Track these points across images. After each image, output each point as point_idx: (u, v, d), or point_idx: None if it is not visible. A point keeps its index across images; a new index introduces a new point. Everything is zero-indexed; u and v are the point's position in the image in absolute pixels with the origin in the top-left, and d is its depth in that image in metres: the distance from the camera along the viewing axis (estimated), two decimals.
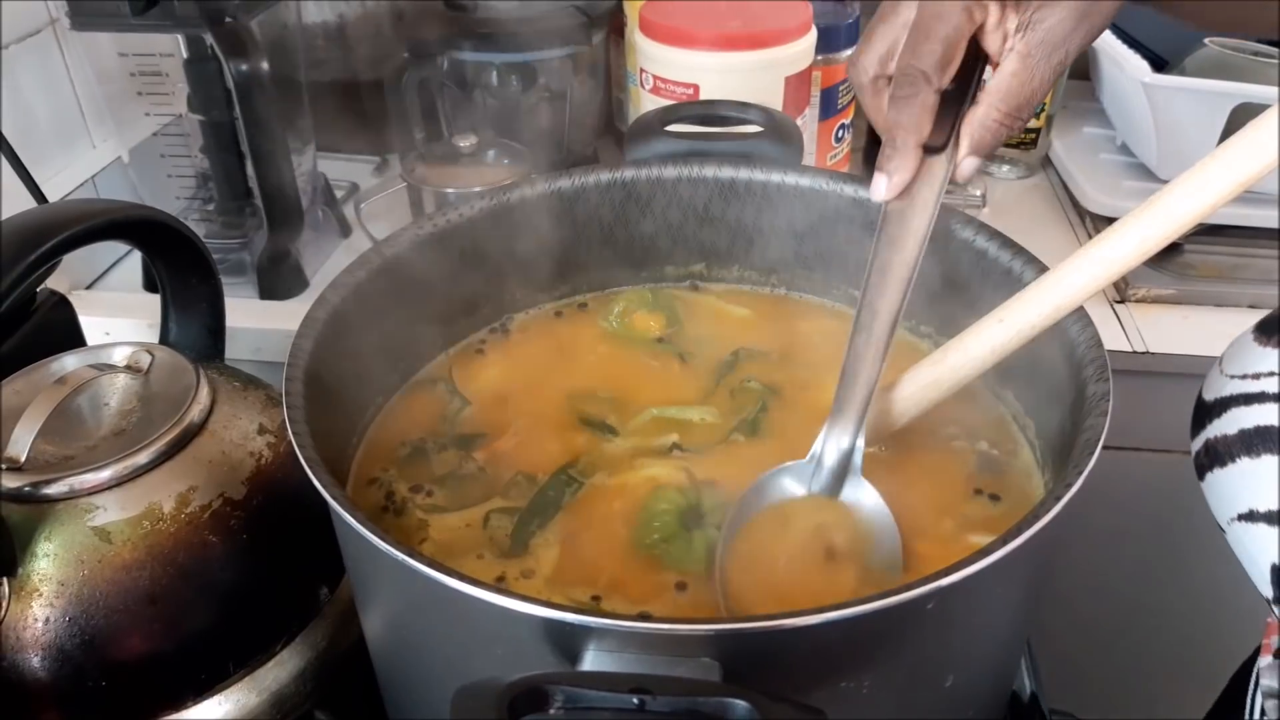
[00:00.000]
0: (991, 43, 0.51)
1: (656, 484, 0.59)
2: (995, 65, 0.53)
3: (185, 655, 0.59)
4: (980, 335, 0.54)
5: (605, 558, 0.55)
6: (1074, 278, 0.51)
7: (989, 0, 0.50)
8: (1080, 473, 0.44)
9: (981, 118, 0.53)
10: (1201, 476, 0.57)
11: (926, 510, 0.57)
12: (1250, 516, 0.53)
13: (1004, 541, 0.41)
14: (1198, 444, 0.57)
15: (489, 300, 0.71)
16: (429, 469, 0.61)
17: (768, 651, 0.41)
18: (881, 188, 0.54)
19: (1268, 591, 0.54)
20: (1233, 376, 0.56)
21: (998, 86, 0.52)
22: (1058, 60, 0.51)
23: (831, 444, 0.54)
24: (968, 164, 0.54)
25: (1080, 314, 0.53)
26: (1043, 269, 0.57)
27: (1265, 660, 0.64)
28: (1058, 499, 0.43)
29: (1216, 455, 0.55)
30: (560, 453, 0.61)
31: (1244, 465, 0.53)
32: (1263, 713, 0.62)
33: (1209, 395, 0.57)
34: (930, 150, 0.54)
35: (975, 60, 0.52)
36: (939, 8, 0.51)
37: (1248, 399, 0.54)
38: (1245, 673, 0.70)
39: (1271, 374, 0.53)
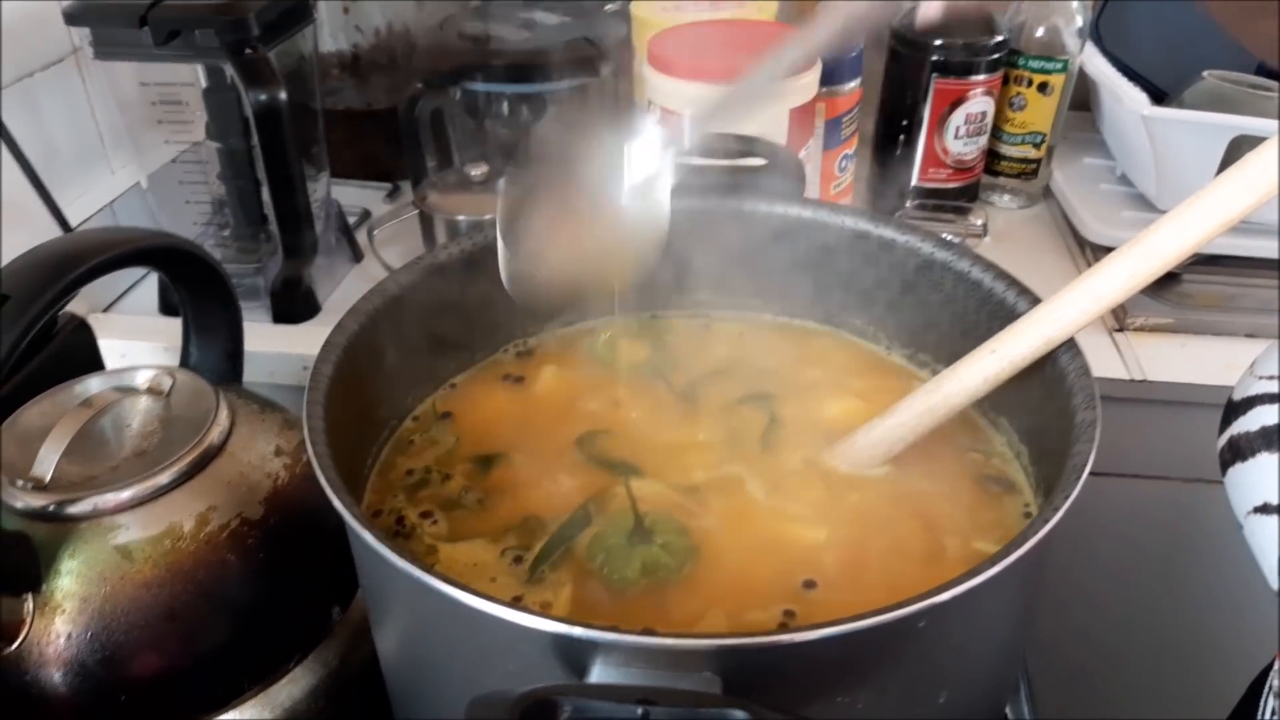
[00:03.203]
0: None
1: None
2: None
3: (202, 671, 0.61)
4: (974, 365, 0.56)
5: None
6: (1064, 311, 0.54)
7: None
8: (1067, 497, 0.46)
9: None
10: (1224, 472, 0.59)
11: (925, 531, 0.59)
12: (1265, 509, 0.55)
13: (993, 563, 0.43)
14: (1222, 441, 0.59)
15: (499, 328, 0.73)
16: (435, 496, 0.62)
17: (766, 666, 0.42)
18: None
19: (1275, 584, 0.55)
20: (1260, 377, 0.57)
21: None
22: None
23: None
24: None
25: (1070, 344, 0.55)
26: (1035, 301, 0.59)
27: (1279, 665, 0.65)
28: (1045, 521, 0.45)
29: (1238, 450, 0.57)
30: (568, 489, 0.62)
31: (1262, 460, 0.55)
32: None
33: (1237, 395, 0.59)
34: None
35: None
36: None
37: (1272, 398, 0.56)
38: (1256, 691, 0.71)
39: None
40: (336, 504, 0.47)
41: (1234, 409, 0.59)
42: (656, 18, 1.06)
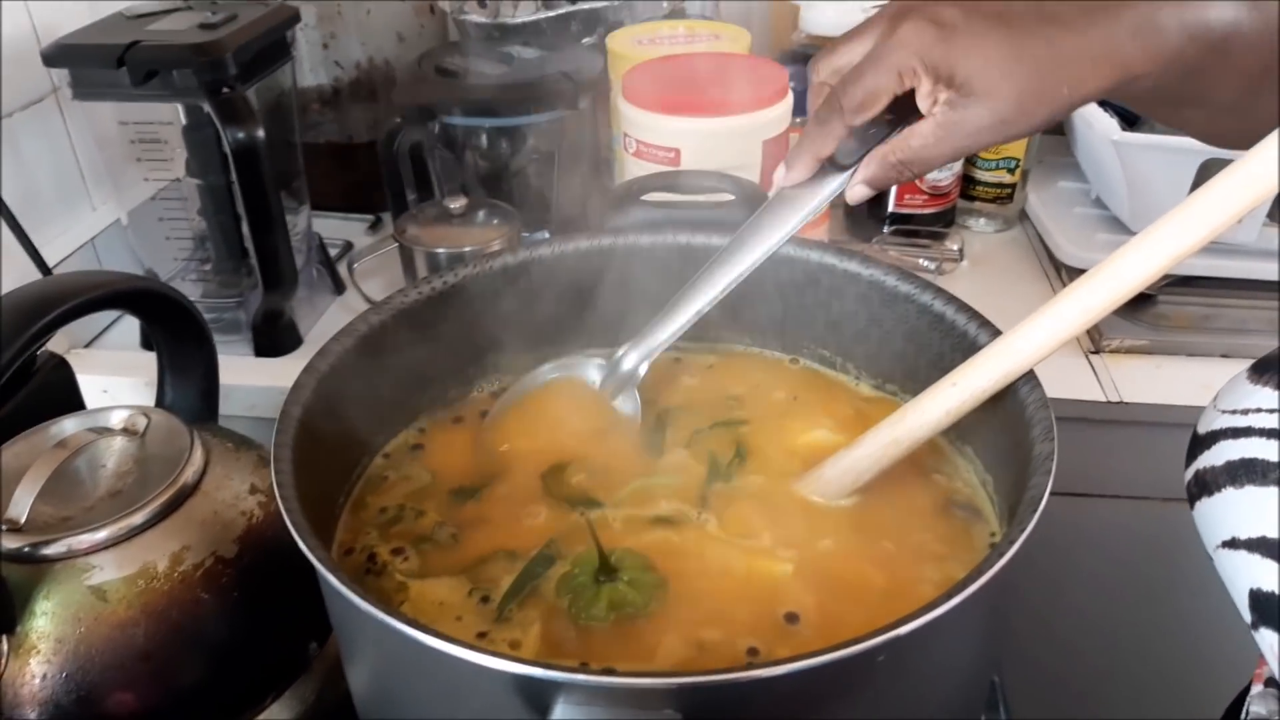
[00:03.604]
0: (922, 103, 0.56)
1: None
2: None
3: (178, 710, 0.61)
4: (936, 398, 0.57)
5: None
6: (1022, 344, 0.55)
7: (923, 73, 0.54)
8: (1023, 529, 0.47)
9: (881, 155, 0.58)
10: (1192, 505, 0.60)
11: (894, 560, 0.60)
12: (1232, 544, 0.55)
13: (949, 596, 0.44)
14: (1189, 474, 0.59)
15: (471, 365, 0.73)
16: (408, 532, 0.63)
17: (727, 702, 0.43)
18: (778, 178, 0.63)
19: (1248, 616, 0.56)
20: (1224, 411, 0.58)
21: (906, 138, 0.57)
22: (965, 145, 0.56)
23: (631, 357, 0.68)
24: (857, 190, 0.61)
25: (1029, 376, 0.56)
26: (996, 333, 0.60)
27: (1257, 689, 0.65)
28: (1001, 555, 0.46)
29: (1204, 485, 0.57)
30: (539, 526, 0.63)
31: (1228, 495, 0.55)
32: None
33: (1202, 429, 0.59)
34: (836, 166, 0.61)
35: (912, 108, 0.56)
36: (881, 58, 0.55)
37: (1235, 433, 0.56)
38: (1234, 714, 0.72)
39: (1259, 410, 0.55)
40: (303, 548, 0.47)
41: (1199, 443, 0.60)
42: (632, 52, 1.07)
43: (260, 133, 0.91)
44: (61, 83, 1.01)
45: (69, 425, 0.68)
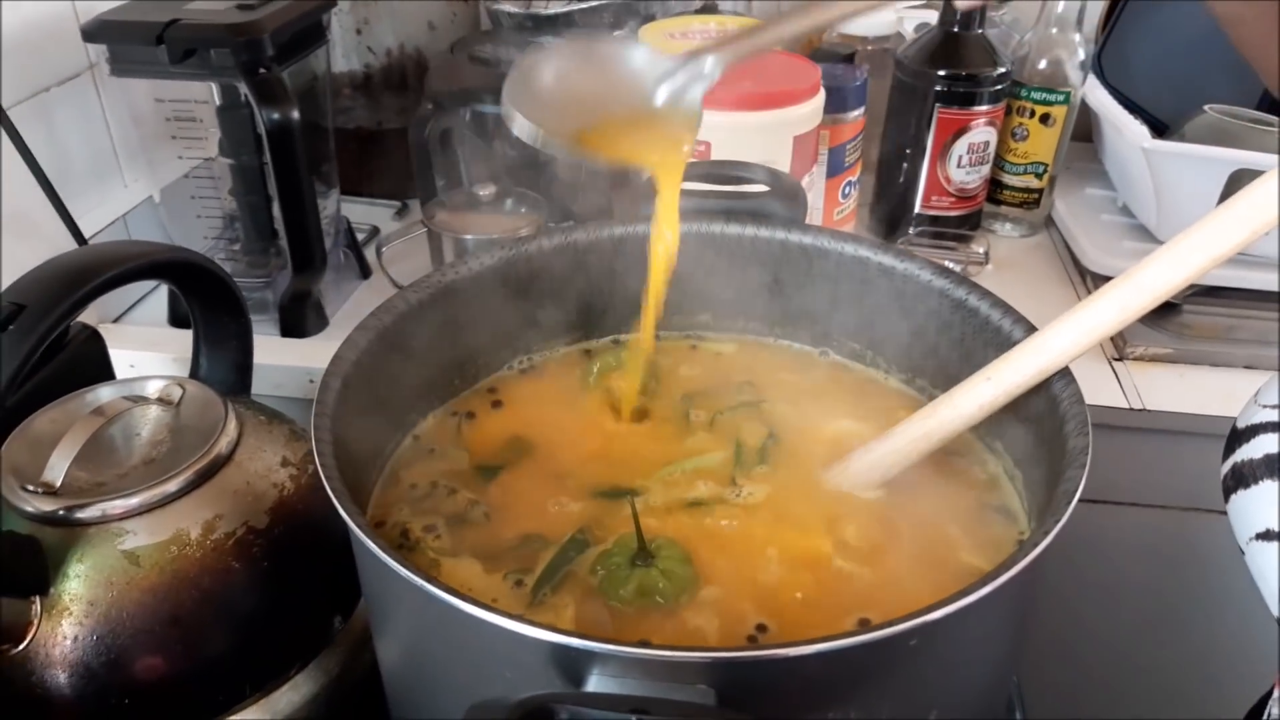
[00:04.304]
0: None
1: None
2: None
3: (204, 677, 0.62)
4: (970, 392, 0.58)
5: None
6: (1058, 341, 0.55)
7: None
8: (1058, 521, 0.47)
9: None
10: (1226, 499, 0.60)
11: (919, 553, 0.60)
12: (1267, 535, 0.55)
13: (983, 584, 0.44)
14: (1226, 468, 0.59)
15: (506, 345, 0.74)
16: (440, 510, 0.63)
17: (759, 679, 0.43)
18: None
19: (1276, 610, 0.56)
20: (1264, 406, 0.58)
21: None
22: None
23: (710, 59, 0.62)
24: None
25: (1064, 372, 0.56)
26: (1031, 329, 0.60)
27: (1279, 693, 0.65)
28: (1035, 545, 0.46)
29: (1241, 478, 0.57)
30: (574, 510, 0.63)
31: (1265, 487, 0.56)
32: None
33: (1241, 423, 0.59)
34: None
35: None
36: None
37: (1276, 426, 0.57)
38: (1255, 716, 0.72)
39: None
40: (343, 514, 0.48)
41: (1237, 436, 0.60)
42: (664, 45, 1.08)
43: (295, 114, 0.92)
44: (99, 59, 1.01)
45: (105, 393, 0.68)
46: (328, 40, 1.05)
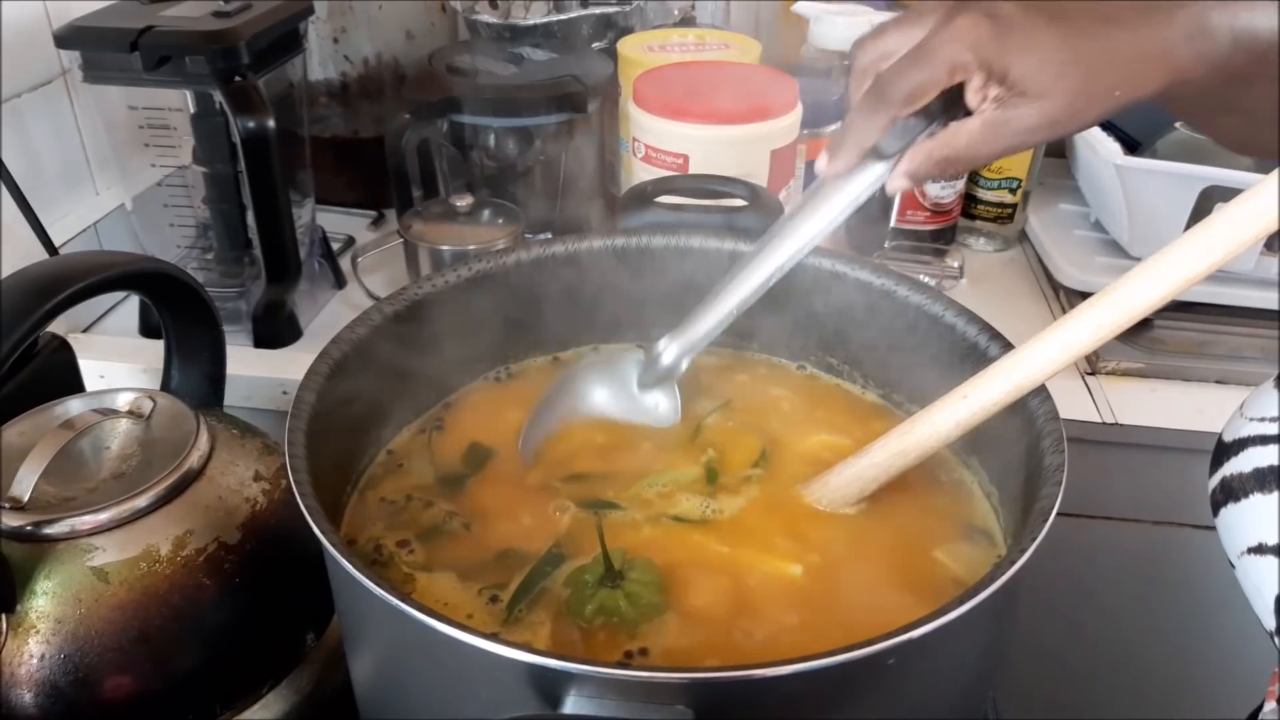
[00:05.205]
0: (971, 99, 0.55)
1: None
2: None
3: (174, 695, 0.61)
4: (946, 409, 0.58)
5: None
6: (1034, 359, 0.55)
7: (976, 69, 0.53)
8: (1034, 539, 0.47)
9: (926, 152, 0.57)
10: (1215, 513, 0.60)
11: (897, 570, 0.60)
12: (1259, 550, 0.55)
13: (960, 602, 0.44)
14: (1214, 481, 0.59)
15: (480, 359, 0.73)
16: (414, 524, 0.63)
17: (737, 700, 0.43)
18: (822, 164, 0.61)
19: (1270, 624, 0.56)
20: (1251, 419, 0.58)
21: (952, 134, 0.56)
22: (1012, 144, 0.55)
23: (671, 350, 0.67)
24: (897, 181, 0.60)
25: (1040, 390, 0.56)
26: (1008, 346, 0.60)
27: (1270, 706, 0.65)
28: (1012, 563, 0.46)
29: (1230, 491, 0.57)
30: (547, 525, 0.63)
31: (1255, 501, 0.55)
32: None
33: (1228, 436, 0.59)
34: (880, 155, 0.59)
35: (957, 101, 0.55)
36: (934, 49, 0.54)
37: (1264, 440, 0.56)
38: None
39: None
40: (316, 530, 0.47)
41: (1225, 450, 0.60)
42: (642, 57, 1.08)
43: (271, 123, 0.91)
44: (71, 65, 1.00)
45: (74, 406, 0.67)
46: (304, 48, 1.04)
